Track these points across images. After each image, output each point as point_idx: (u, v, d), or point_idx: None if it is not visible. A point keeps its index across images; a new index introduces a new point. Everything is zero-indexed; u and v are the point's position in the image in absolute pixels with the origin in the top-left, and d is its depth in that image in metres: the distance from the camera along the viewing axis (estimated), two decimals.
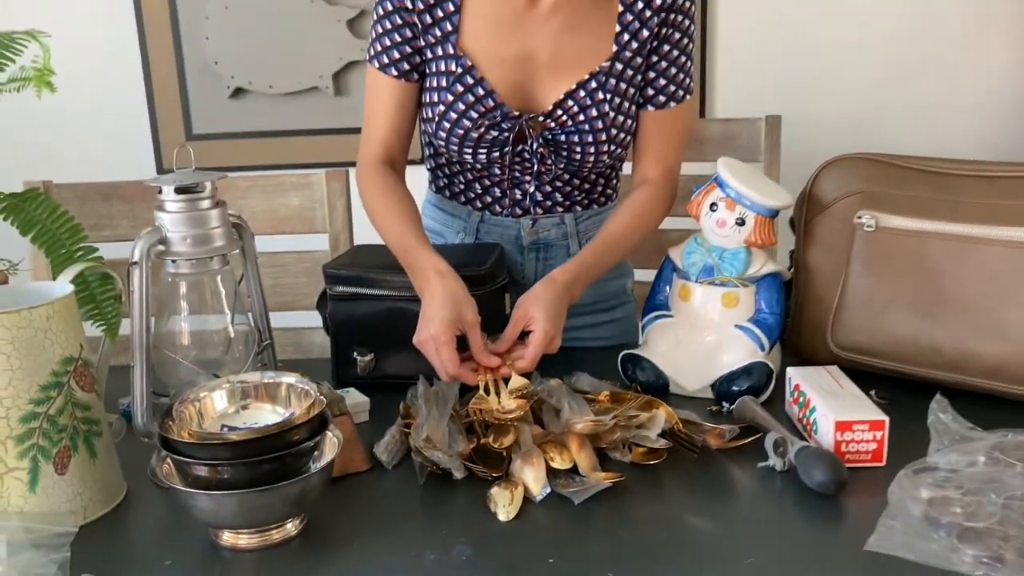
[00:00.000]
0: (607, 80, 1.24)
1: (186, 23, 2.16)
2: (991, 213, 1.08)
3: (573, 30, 1.23)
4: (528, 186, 1.32)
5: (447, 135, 1.26)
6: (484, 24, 1.22)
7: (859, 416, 0.97)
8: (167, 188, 0.95)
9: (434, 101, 1.25)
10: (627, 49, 1.24)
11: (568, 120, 1.25)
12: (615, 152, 1.30)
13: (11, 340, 0.85)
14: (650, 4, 1.23)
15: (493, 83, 1.23)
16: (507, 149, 1.27)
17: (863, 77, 2.23)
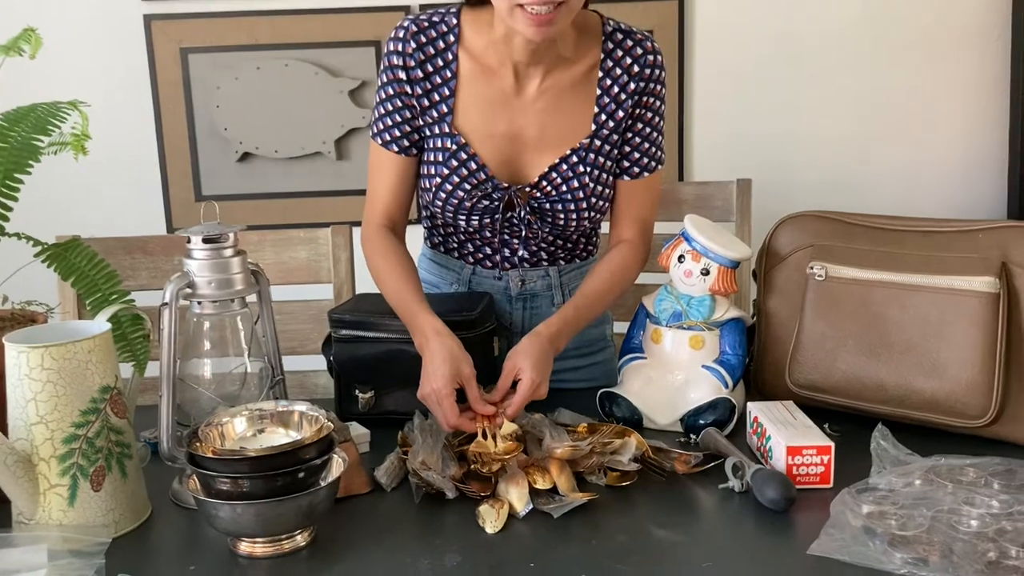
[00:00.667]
0: (587, 155, 1.36)
1: (198, 92, 2.31)
2: (927, 264, 1.21)
3: (556, 111, 1.36)
4: (516, 245, 1.45)
5: (443, 203, 1.38)
6: (476, 106, 1.35)
7: (808, 442, 1.09)
8: (195, 238, 1.08)
9: (431, 173, 1.37)
10: (604, 128, 1.37)
11: (552, 190, 1.37)
12: (595, 217, 1.42)
13: (58, 370, 0.97)
14: (625, 88, 1.35)
15: (485, 158, 1.35)
16: (497, 216, 1.39)
17: (829, 143, 2.39)
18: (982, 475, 1.05)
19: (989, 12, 2.34)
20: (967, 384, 1.17)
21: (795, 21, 2.33)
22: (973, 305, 1.17)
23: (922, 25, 2.34)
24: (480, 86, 1.34)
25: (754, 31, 2.33)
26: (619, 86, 1.36)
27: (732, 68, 2.34)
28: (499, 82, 1.34)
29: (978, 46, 2.36)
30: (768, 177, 2.17)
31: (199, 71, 2.31)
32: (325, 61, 2.30)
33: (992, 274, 1.16)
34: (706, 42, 2.34)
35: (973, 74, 2.38)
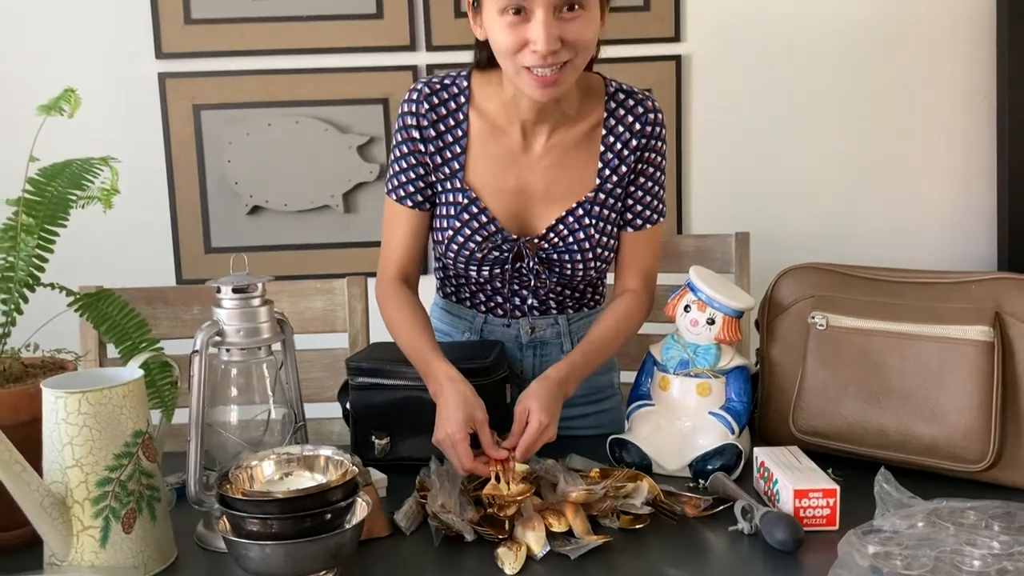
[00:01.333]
0: (592, 208, 1.43)
1: (210, 147, 2.38)
2: (924, 314, 1.27)
3: (562, 167, 1.42)
4: (526, 295, 1.50)
5: (455, 255, 1.44)
6: (486, 163, 1.42)
7: (815, 485, 1.13)
8: (225, 288, 1.12)
9: (444, 227, 1.43)
10: (608, 182, 1.43)
11: (559, 241, 1.43)
12: (600, 267, 1.48)
13: (94, 415, 1.01)
14: (627, 144, 1.42)
15: (495, 212, 1.41)
16: (507, 267, 1.45)
17: (824, 197, 2.46)
18: (982, 517, 1.09)
19: (973, 72, 2.43)
20: (965, 430, 1.21)
21: (787, 81, 2.42)
22: (969, 354, 1.21)
23: (910, 84, 2.43)
24: (490, 144, 1.41)
25: (749, 89, 2.42)
26: (622, 142, 1.42)
27: (728, 125, 2.42)
28: (507, 140, 1.41)
29: (964, 104, 2.45)
30: (765, 229, 2.24)
31: (211, 127, 2.37)
32: (335, 118, 2.37)
33: (987, 324, 1.21)
34: (702, 100, 2.42)
35: (960, 131, 2.46)
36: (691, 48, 2.40)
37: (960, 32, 2.42)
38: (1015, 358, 1.22)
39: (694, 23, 2.39)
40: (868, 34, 2.41)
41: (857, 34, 2.41)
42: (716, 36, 2.40)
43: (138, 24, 2.32)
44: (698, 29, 2.39)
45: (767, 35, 2.40)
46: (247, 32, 2.34)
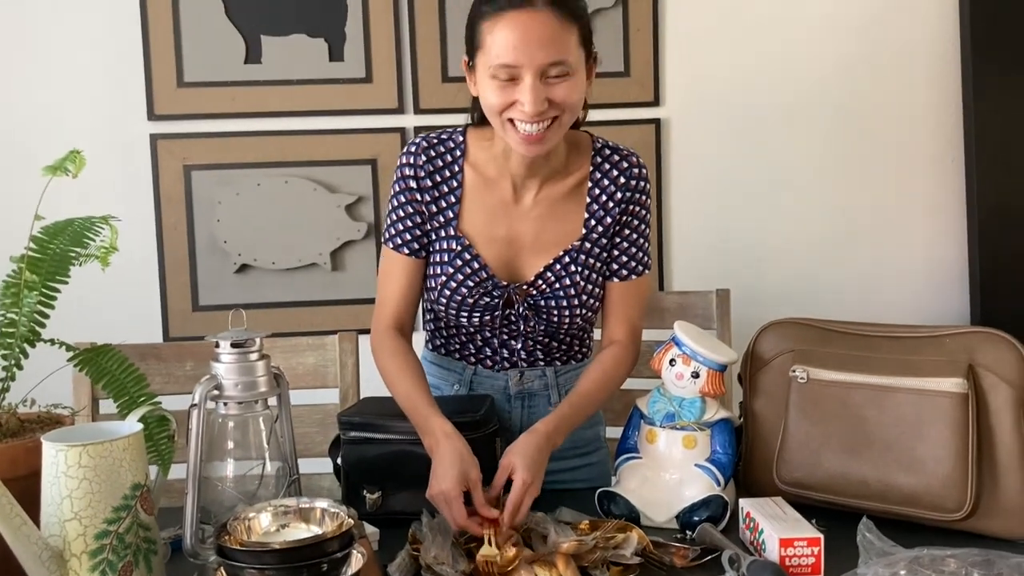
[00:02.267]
0: (578, 256, 1.48)
1: (200, 206, 2.41)
2: (900, 367, 1.31)
3: (550, 218, 1.49)
4: (515, 344, 1.54)
5: (447, 300, 1.48)
6: (479, 213, 1.48)
7: (799, 534, 1.15)
8: (224, 343, 1.15)
9: (437, 273, 1.48)
10: (594, 232, 1.49)
11: (547, 288, 1.48)
12: (587, 315, 1.52)
13: (94, 468, 1.02)
14: (612, 197, 1.49)
15: (486, 259, 1.47)
16: (497, 313, 1.49)
17: (802, 255, 2.53)
18: (963, 565, 1.11)
19: (942, 136, 2.53)
20: (943, 479, 1.25)
21: (763, 143, 2.50)
22: (944, 405, 1.26)
23: (883, 147, 2.52)
24: (483, 195, 1.48)
25: (726, 151, 2.50)
26: (607, 195, 1.49)
27: (706, 185, 2.50)
28: (499, 192, 1.48)
29: (934, 166, 2.54)
30: (744, 286, 2.29)
31: (201, 187, 2.41)
32: (324, 178, 2.42)
33: (960, 376, 1.25)
34: (681, 162, 2.50)
35: (931, 192, 2.55)
36: (670, 112, 2.48)
37: (929, 99, 2.52)
38: (989, 409, 1.26)
39: (672, 88, 2.48)
40: (841, 99, 2.51)
41: (831, 99, 2.51)
42: (693, 100, 2.49)
43: (132, 86, 2.37)
44: (676, 94, 2.48)
45: (743, 100, 2.49)
46: (238, 95, 2.39)
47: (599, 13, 2.41)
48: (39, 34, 2.35)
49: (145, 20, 2.35)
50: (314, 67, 2.40)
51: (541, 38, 1.28)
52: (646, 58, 2.45)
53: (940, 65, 2.52)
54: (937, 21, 2.50)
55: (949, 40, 2.51)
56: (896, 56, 2.51)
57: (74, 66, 2.37)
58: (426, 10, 2.41)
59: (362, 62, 2.41)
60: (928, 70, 2.52)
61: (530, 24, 1.28)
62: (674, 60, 2.47)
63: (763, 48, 2.48)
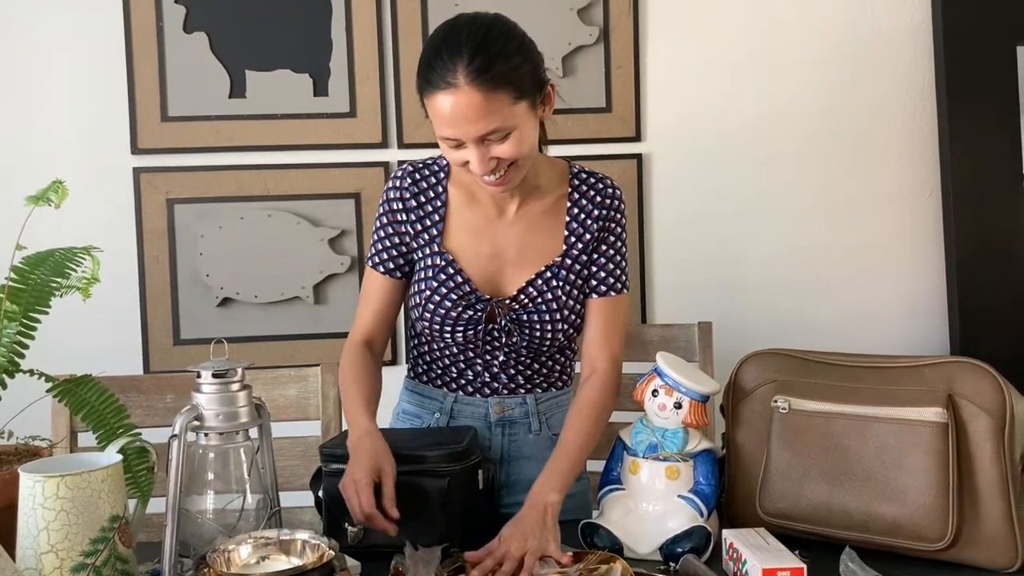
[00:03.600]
0: (559, 271, 1.52)
1: (182, 240, 2.40)
2: (881, 396, 1.32)
3: (532, 233, 1.54)
4: (495, 367, 1.55)
5: (431, 315, 1.51)
6: (462, 230, 1.53)
7: (782, 564, 1.15)
8: (205, 373, 1.15)
9: (421, 289, 1.52)
10: (574, 248, 1.54)
11: (529, 302, 1.52)
12: (568, 331, 1.55)
13: (72, 499, 1.01)
14: (591, 215, 1.54)
15: (469, 274, 1.51)
16: (480, 327, 1.51)
17: (783, 288, 2.55)
18: None
19: (920, 172, 2.57)
20: (925, 509, 1.25)
21: (744, 178, 2.53)
22: (924, 434, 1.26)
23: (861, 181, 2.56)
24: (466, 212, 1.53)
25: (707, 185, 2.52)
26: (585, 212, 1.55)
27: (688, 219, 2.52)
28: (483, 208, 1.53)
29: (913, 201, 2.57)
30: (726, 319, 2.31)
31: (184, 220, 2.41)
32: (307, 211, 2.42)
33: (940, 405, 1.26)
34: (663, 196, 2.52)
35: (909, 225, 2.58)
36: (651, 147, 2.51)
37: (907, 136, 2.56)
38: (968, 439, 1.27)
39: (654, 123, 2.50)
40: (821, 135, 2.54)
41: (810, 135, 2.54)
42: (675, 136, 2.51)
43: (116, 119, 2.37)
44: (658, 129, 2.51)
45: (724, 136, 2.52)
46: (223, 129, 2.40)
47: (581, 50, 2.44)
48: (23, 66, 2.36)
49: (130, 54, 2.36)
50: (298, 102, 2.41)
51: (468, 115, 1.33)
52: (628, 94, 2.48)
53: (917, 102, 2.56)
54: (913, 59, 2.55)
55: (925, 77, 2.55)
56: (874, 93, 2.55)
57: (58, 99, 2.37)
58: (410, 46, 2.43)
59: (346, 97, 2.42)
60: (905, 107, 2.56)
61: (456, 103, 1.33)
62: (656, 96, 2.50)
63: (744, 85, 2.52)
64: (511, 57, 1.35)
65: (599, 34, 2.45)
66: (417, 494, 1.34)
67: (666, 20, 2.50)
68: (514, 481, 1.58)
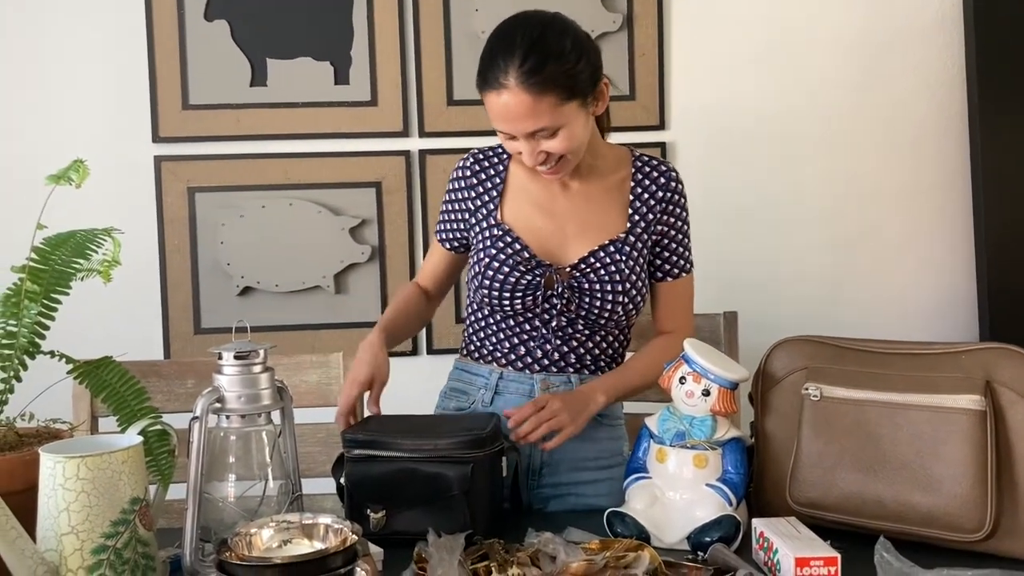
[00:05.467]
0: (623, 247, 1.56)
1: (203, 229, 2.40)
2: (916, 384, 1.28)
3: (594, 208, 1.58)
4: (548, 341, 1.57)
5: (490, 282, 1.54)
6: (523, 203, 1.59)
7: (815, 553, 1.12)
8: (227, 354, 1.13)
9: (480, 258, 1.56)
10: (637, 227, 1.58)
11: (590, 272, 1.54)
12: (628, 307, 1.56)
13: (92, 480, 1.00)
14: (654, 195, 1.59)
15: (527, 242, 1.55)
16: (538, 293, 1.53)
17: (810, 278, 2.51)
18: None
19: (950, 160, 2.52)
20: (962, 499, 1.21)
21: (769, 165, 2.50)
22: (962, 422, 1.23)
23: (891, 168, 2.52)
24: (529, 187, 1.59)
25: (732, 173, 2.49)
26: (648, 193, 1.59)
27: (712, 208, 2.48)
28: (544, 184, 1.58)
29: (943, 189, 2.53)
30: (751, 309, 2.27)
31: (205, 209, 2.40)
32: (328, 200, 2.41)
33: (978, 392, 1.23)
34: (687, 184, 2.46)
35: (940, 214, 2.53)
36: (675, 135, 2.48)
37: (937, 123, 2.52)
38: (1007, 427, 1.23)
39: (678, 111, 2.48)
40: (849, 123, 2.51)
41: (838, 123, 2.50)
42: (699, 124, 2.49)
43: (137, 108, 2.37)
44: (681, 117, 2.48)
45: (748, 123, 2.49)
46: (243, 117, 2.39)
47: (605, 37, 2.42)
48: (46, 55, 2.36)
49: (151, 42, 2.36)
50: (319, 90, 2.40)
51: (517, 115, 1.41)
52: (651, 82, 2.45)
53: (946, 91, 2.52)
54: (944, 47, 2.51)
55: (955, 64, 2.51)
56: (903, 82, 2.51)
57: (80, 88, 2.37)
58: (432, 34, 2.41)
59: (367, 85, 2.41)
60: (935, 95, 2.52)
61: (507, 103, 1.41)
62: (680, 84, 2.47)
63: (770, 73, 2.49)
64: (563, 59, 1.41)
65: (623, 21, 2.43)
66: (439, 481, 1.32)
67: (691, 7, 2.47)
68: (557, 460, 1.57)
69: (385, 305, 2.42)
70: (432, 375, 1.66)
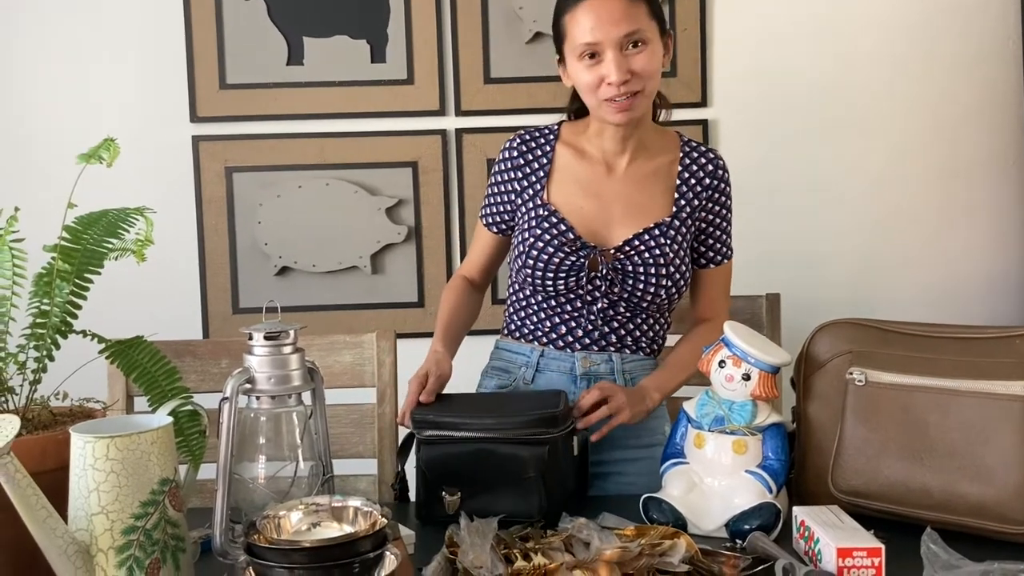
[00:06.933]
0: (667, 230, 1.56)
1: (241, 209, 2.40)
2: (966, 369, 1.24)
3: (640, 190, 1.58)
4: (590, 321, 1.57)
5: (534, 262, 1.55)
6: (569, 184, 1.59)
7: (859, 544, 1.08)
8: (257, 335, 1.12)
9: (525, 239, 1.57)
10: (683, 211, 1.58)
11: (635, 254, 1.54)
12: (671, 291, 1.56)
13: (121, 460, 0.99)
14: (701, 182, 1.60)
15: (573, 223, 1.55)
16: (582, 274, 1.54)
17: (854, 258, 2.44)
18: None
19: (1003, 138, 2.43)
20: (1014, 489, 1.17)
21: (813, 144, 2.43)
22: (1015, 409, 1.18)
23: (939, 145, 2.44)
24: (575, 168, 1.60)
25: (775, 152, 2.43)
26: (696, 179, 1.60)
27: (754, 187, 2.42)
28: (591, 165, 1.59)
29: (995, 168, 2.44)
30: (794, 291, 2.21)
31: (242, 189, 2.40)
32: (365, 180, 2.40)
33: None
34: (729, 163, 2.40)
35: (992, 195, 2.45)
36: (717, 113, 2.42)
37: (988, 100, 2.43)
38: None
39: (720, 89, 2.42)
40: (896, 100, 2.43)
41: (885, 100, 2.43)
42: (741, 101, 2.43)
43: (174, 88, 2.37)
44: (724, 94, 2.42)
45: (792, 101, 2.42)
46: (280, 97, 2.38)
47: None
48: (83, 35, 2.36)
49: (188, 22, 2.35)
50: (356, 68, 2.39)
51: (613, 16, 1.45)
52: (693, 58, 2.40)
53: (1000, 65, 2.42)
54: (997, 20, 2.41)
55: (1009, 39, 2.41)
56: (954, 56, 2.42)
57: (117, 68, 2.38)
58: (469, 12, 2.38)
59: (404, 63, 2.38)
60: (986, 70, 2.43)
61: (603, 6, 1.45)
62: (722, 60, 2.41)
63: (816, 48, 2.41)
64: None
65: None
66: (515, 462, 1.31)
67: None
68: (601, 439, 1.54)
69: (422, 287, 2.41)
70: (471, 357, 1.64)
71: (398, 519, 1.35)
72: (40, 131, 2.37)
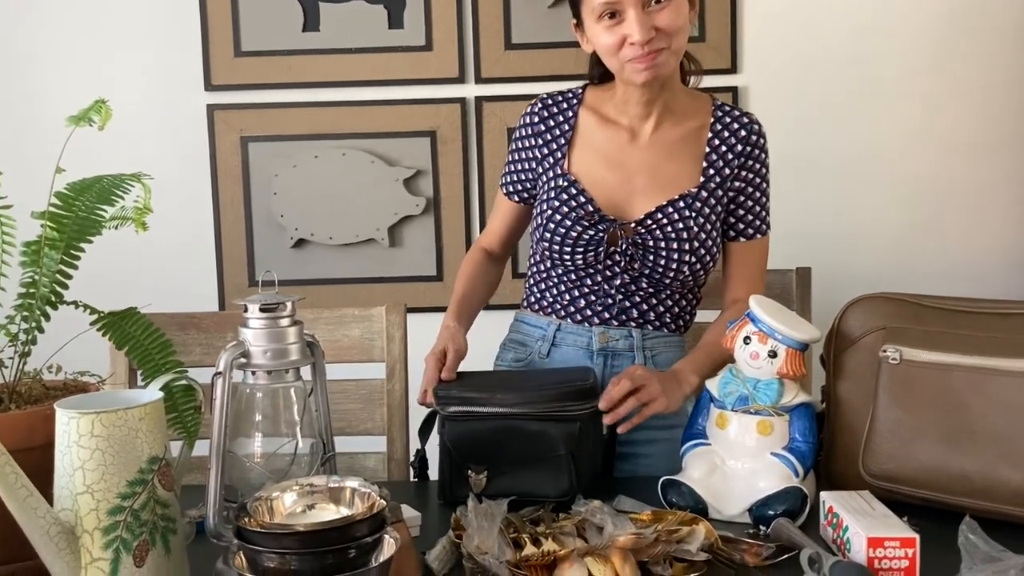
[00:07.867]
0: (694, 203, 1.47)
1: (257, 179, 2.35)
2: (1008, 347, 1.16)
3: (666, 159, 1.50)
4: (610, 295, 1.51)
5: (551, 235, 1.49)
6: (591, 153, 1.52)
7: (891, 533, 1.01)
8: (252, 306, 1.06)
9: (543, 210, 1.51)
10: (711, 181, 1.49)
11: (656, 228, 1.47)
12: (694, 266, 1.48)
13: (107, 438, 0.94)
14: (732, 149, 1.50)
15: (593, 195, 1.48)
16: (600, 249, 1.47)
17: (886, 233, 2.35)
18: None
19: None
20: None
21: (849, 115, 2.33)
22: None
23: (977, 120, 2.33)
24: (597, 136, 1.52)
25: (806, 122, 2.33)
26: (727, 146, 1.50)
27: (783, 158, 2.32)
28: (615, 133, 1.51)
29: None
30: (824, 266, 2.12)
31: (258, 159, 2.35)
32: (382, 150, 2.33)
33: None
34: None
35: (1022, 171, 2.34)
36: (747, 80, 2.33)
37: None
38: None
39: (751, 55, 2.32)
40: (931, 69, 2.32)
41: (920, 70, 2.32)
42: (773, 68, 2.33)
43: (189, 56, 2.32)
44: (755, 61, 2.32)
45: (825, 68, 2.32)
46: (295, 64, 2.32)
47: None
48: (97, 4, 2.31)
49: None
50: (373, 35, 2.32)
51: None
52: (723, 22, 2.30)
53: None
54: None
55: None
56: (990, 27, 2.30)
57: (131, 36, 2.33)
58: None
59: (422, 29, 2.31)
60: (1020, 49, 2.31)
61: None
62: (753, 25, 2.31)
63: (849, 13, 2.31)
64: None
65: None
66: (544, 439, 1.27)
67: None
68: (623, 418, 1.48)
69: (440, 260, 2.35)
70: (490, 331, 1.59)
71: (419, 499, 1.31)
72: (56, 102, 2.32)
